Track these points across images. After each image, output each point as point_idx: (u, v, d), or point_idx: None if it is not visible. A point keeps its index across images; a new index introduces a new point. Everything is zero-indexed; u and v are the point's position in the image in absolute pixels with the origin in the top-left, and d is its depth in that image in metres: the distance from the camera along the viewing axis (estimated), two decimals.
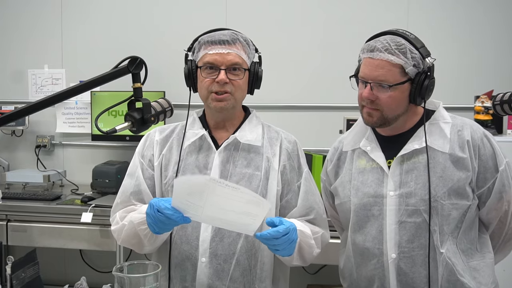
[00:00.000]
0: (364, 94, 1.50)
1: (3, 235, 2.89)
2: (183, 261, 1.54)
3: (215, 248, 1.52)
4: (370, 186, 1.57)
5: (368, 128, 1.63)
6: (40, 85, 3.56)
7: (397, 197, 1.52)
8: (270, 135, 1.65)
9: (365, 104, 1.52)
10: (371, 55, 1.49)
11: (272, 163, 1.59)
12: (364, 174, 1.59)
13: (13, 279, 1.57)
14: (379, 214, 1.54)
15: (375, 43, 1.50)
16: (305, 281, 3.14)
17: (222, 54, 1.52)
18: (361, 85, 1.54)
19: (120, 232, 1.58)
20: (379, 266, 1.54)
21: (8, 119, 1.26)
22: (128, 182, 1.64)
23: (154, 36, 3.37)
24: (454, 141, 1.52)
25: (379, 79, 1.47)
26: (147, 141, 1.68)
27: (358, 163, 1.62)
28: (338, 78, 3.21)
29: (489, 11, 3.08)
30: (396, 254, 1.51)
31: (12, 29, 3.56)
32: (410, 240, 1.50)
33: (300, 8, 3.25)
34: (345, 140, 1.70)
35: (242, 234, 1.52)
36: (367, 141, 1.61)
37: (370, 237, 1.56)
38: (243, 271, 1.54)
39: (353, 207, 1.60)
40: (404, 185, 1.52)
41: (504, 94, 1.67)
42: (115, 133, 1.36)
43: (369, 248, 1.56)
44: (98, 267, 3.43)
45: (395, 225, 1.52)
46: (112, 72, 1.37)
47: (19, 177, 3.32)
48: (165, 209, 1.34)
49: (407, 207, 1.51)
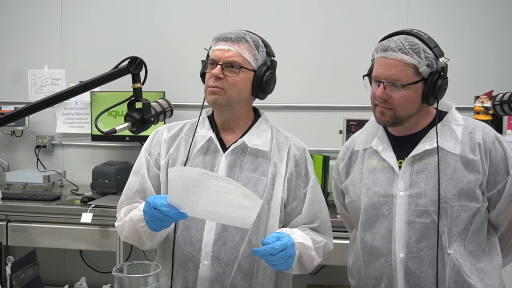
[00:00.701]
0: (377, 93, 1.51)
1: (3, 235, 2.88)
2: (185, 262, 1.54)
3: (217, 252, 1.51)
4: (380, 185, 1.58)
5: (380, 127, 1.64)
6: (40, 85, 3.56)
7: (407, 197, 1.53)
8: (278, 139, 1.64)
9: (378, 103, 1.53)
10: (385, 54, 1.50)
11: (279, 169, 1.58)
12: (375, 173, 1.60)
13: (13, 280, 1.57)
14: (389, 214, 1.55)
15: (388, 42, 1.50)
16: (305, 281, 3.14)
17: (223, 50, 1.53)
18: (374, 84, 1.55)
19: (122, 229, 1.58)
20: (387, 265, 1.55)
21: (8, 119, 1.25)
22: (133, 179, 1.64)
23: (154, 36, 3.37)
24: (465, 143, 1.53)
25: (393, 78, 1.48)
26: (154, 139, 1.67)
27: (369, 162, 1.63)
28: (338, 78, 3.22)
29: (489, 11, 3.08)
30: (404, 253, 1.52)
31: (12, 29, 3.56)
32: (418, 240, 1.51)
33: (300, 8, 3.25)
34: (356, 139, 1.71)
35: (245, 239, 1.52)
36: (378, 140, 1.62)
37: (379, 236, 1.57)
38: (244, 276, 1.53)
39: (363, 206, 1.61)
40: (414, 185, 1.53)
41: (504, 94, 1.67)
42: (115, 134, 1.36)
43: (378, 247, 1.57)
44: (98, 268, 3.43)
45: (404, 225, 1.53)
46: (112, 73, 1.36)
47: (19, 177, 3.32)
48: (161, 206, 1.35)
49: (417, 208, 1.52)
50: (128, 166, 3.19)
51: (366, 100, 2.67)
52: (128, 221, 1.54)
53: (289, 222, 1.60)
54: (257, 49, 1.56)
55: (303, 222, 1.60)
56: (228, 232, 1.51)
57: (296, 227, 1.58)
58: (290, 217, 1.61)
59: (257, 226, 1.53)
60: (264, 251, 1.37)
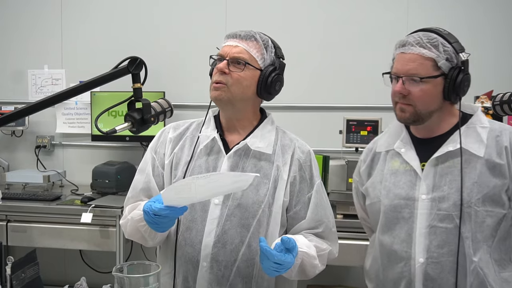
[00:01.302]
0: (396, 88, 1.49)
1: (3, 235, 2.88)
2: (186, 263, 1.54)
3: (217, 254, 1.50)
4: (402, 188, 1.54)
5: (403, 130, 1.61)
6: (40, 86, 3.56)
7: (429, 201, 1.49)
8: (283, 142, 1.61)
9: (398, 99, 1.50)
10: (403, 49, 1.49)
11: (281, 172, 1.55)
12: (397, 175, 1.57)
13: (13, 280, 1.57)
14: (409, 217, 1.51)
15: (407, 38, 1.49)
16: (305, 281, 3.14)
17: (231, 46, 1.53)
18: (394, 81, 1.52)
19: (126, 226, 1.58)
20: (406, 269, 1.51)
21: (8, 119, 1.25)
22: (138, 178, 1.64)
23: (154, 36, 3.37)
24: (491, 146, 1.48)
25: (411, 72, 1.46)
26: (160, 137, 1.66)
27: (391, 164, 1.60)
28: (338, 78, 3.22)
29: (489, 11, 3.08)
30: (424, 258, 1.48)
31: (12, 29, 3.56)
32: (439, 246, 1.47)
33: (300, 8, 3.25)
34: (379, 141, 1.68)
35: (245, 242, 1.50)
36: (401, 142, 1.59)
37: (398, 239, 1.53)
38: (243, 279, 1.52)
39: (383, 208, 1.57)
40: (437, 189, 1.49)
41: (504, 95, 1.67)
42: (115, 134, 1.35)
43: (397, 251, 1.53)
44: (98, 268, 3.43)
45: (425, 229, 1.49)
46: (112, 73, 1.36)
47: (19, 177, 3.32)
48: (160, 210, 1.34)
49: (439, 212, 1.47)
50: (128, 166, 3.20)
51: (366, 100, 2.68)
52: (130, 219, 1.55)
53: (293, 226, 1.58)
54: (265, 48, 1.55)
55: (307, 227, 1.57)
56: (228, 234, 1.50)
57: (300, 232, 1.56)
58: (293, 221, 1.58)
59: (258, 230, 1.51)
60: (265, 251, 1.34)
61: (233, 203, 1.51)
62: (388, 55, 1.57)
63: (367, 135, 2.82)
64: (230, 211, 1.51)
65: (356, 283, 3.20)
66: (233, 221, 1.50)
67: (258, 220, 1.51)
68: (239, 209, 1.51)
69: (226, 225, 1.50)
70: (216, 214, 1.51)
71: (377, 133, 2.81)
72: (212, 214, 1.51)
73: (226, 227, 1.50)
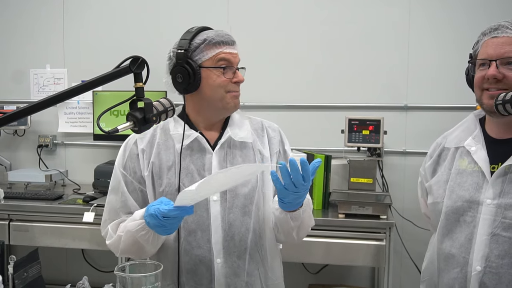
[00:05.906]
0: (489, 72, 1.39)
1: (5, 234, 2.89)
2: (196, 266, 1.53)
3: (228, 247, 1.53)
4: (466, 190, 1.46)
5: (478, 126, 1.52)
6: (42, 85, 3.56)
7: (495, 207, 1.40)
8: (255, 127, 1.67)
9: (489, 84, 1.41)
10: (495, 33, 1.42)
11: (264, 154, 1.62)
12: (463, 176, 1.48)
13: (15, 279, 1.58)
14: (471, 222, 1.43)
15: (498, 22, 1.43)
16: (306, 281, 3.14)
17: (233, 54, 1.56)
18: (481, 68, 1.44)
19: (117, 244, 1.54)
20: (462, 276, 1.44)
21: (10, 118, 1.25)
22: (113, 198, 1.59)
23: (156, 35, 3.37)
24: None
25: (507, 55, 1.38)
26: (126, 152, 1.62)
27: (458, 163, 1.51)
28: (340, 77, 3.22)
29: (491, 11, 3.07)
30: (482, 267, 1.39)
31: (14, 28, 3.57)
32: (500, 256, 1.37)
33: (301, 7, 3.24)
34: (449, 136, 1.59)
35: (250, 228, 1.55)
36: (473, 140, 1.49)
37: (457, 243, 1.46)
38: (256, 264, 1.57)
39: (445, 209, 1.50)
40: (505, 195, 1.39)
41: (507, 94, 1.66)
42: (117, 133, 1.35)
43: (455, 255, 1.46)
44: (100, 267, 3.43)
45: (487, 236, 1.40)
46: (114, 72, 1.36)
47: (21, 176, 3.33)
48: (170, 211, 1.33)
49: (504, 220, 1.38)
50: None
51: (368, 100, 2.68)
52: (123, 234, 1.50)
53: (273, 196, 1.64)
54: None
55: None
56: (234, 226, 1.53)
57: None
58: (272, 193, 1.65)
59: (257, 214, 1.57)
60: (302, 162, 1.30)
61: (231, 195, 1.54)
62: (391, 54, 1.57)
63: (369, 134, 2.81)
64: (230, 203, 1.54)
65: (357, 282, 3.20)
66: (235, 212, 1.54)
67: (256, 204, 1.56)
68: (238, 198, 1.54)
69: (230, 218, 1.53)
70: (217, 210, 1.53)
71: (379, 133, 2.80)
72: (214, 211, 1.53)
73: (231, 219, 1.53)
